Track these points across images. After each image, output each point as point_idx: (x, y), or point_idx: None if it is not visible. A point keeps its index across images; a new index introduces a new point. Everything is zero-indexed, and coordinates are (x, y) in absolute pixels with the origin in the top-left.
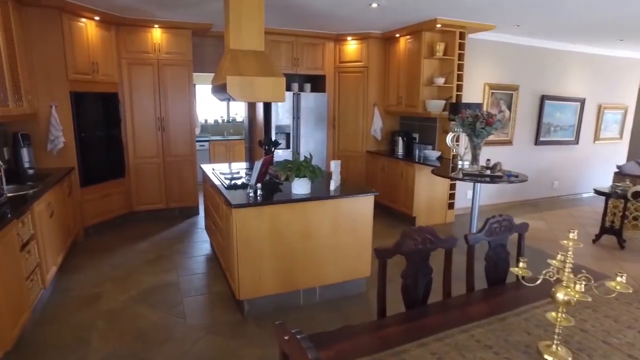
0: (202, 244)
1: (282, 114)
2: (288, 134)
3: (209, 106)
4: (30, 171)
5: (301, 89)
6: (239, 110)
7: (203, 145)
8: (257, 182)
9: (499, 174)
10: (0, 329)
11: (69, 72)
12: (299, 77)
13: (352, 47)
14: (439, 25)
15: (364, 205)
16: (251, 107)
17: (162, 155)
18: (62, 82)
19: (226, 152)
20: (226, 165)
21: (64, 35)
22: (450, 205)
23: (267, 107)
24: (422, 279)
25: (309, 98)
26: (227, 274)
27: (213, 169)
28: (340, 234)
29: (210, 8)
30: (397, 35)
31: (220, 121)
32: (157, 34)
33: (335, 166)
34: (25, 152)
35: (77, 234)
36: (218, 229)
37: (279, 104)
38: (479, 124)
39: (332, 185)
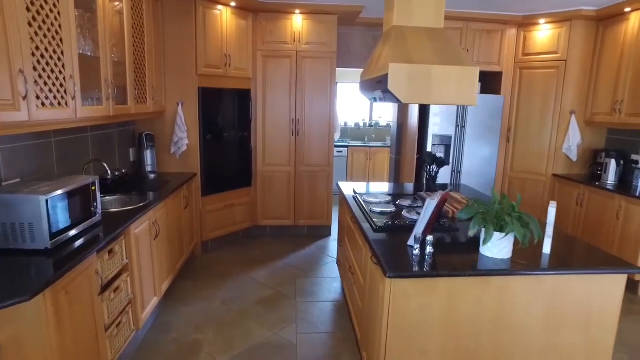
0: (331, 283)
1: (442, 121)
2: (447, 147)
3: (349, 107)
4: (152, 175)
5: None
6: (383, 113)
7: (340, 152)
8: (425, 231)
9: None
10: None
11: (199, 66)
12: None
13: (544, 33)
14: None
15: (606, 287)
16: (403, 110)
17: (294, 163)
18: (190, 77)
19: (366, 161)
20: (371, 186)
21: (197, 25)
22: None
23: (424, 111)
24: None
25: (478, 101)
26: (364, 354)
27: (355, 192)
28: (561, 330)
29: None
30: (627, 9)
31: (361, 125)
32: (297, 22)
33: (552, 213)
34: (148, 155)
35: (194, 249)
36: (355, 281)
37: (438, 107)
38: None
39: (547, 246)
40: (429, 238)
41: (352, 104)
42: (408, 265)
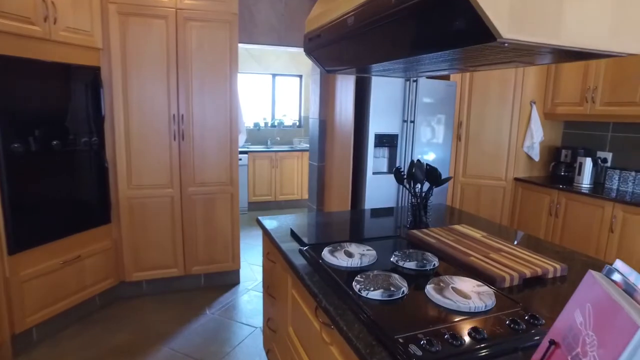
0: None
1: (385, 115)
2: (391, 149)
3: (246, 103)
4: None
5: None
6: (288, 111)
7: (240, 159)
8: None
9: None
10: None
11: None
12: None
13: None
14: None
15: None
16: (327, 102)
17: (178, 183)
18: None
19: (271, 169)
20: (313, 219)
21: None
22: None
23: (362, 100)
24: None
25: (429, 88)
26: None
27: (302, 242)
28: None
29: None
30: None
31: (261, 125)
32: None
33: None
34: None
35: None
36: None
37: (382, 94)
38: None
39: None
40: None
41: (249, 99)
42: None
